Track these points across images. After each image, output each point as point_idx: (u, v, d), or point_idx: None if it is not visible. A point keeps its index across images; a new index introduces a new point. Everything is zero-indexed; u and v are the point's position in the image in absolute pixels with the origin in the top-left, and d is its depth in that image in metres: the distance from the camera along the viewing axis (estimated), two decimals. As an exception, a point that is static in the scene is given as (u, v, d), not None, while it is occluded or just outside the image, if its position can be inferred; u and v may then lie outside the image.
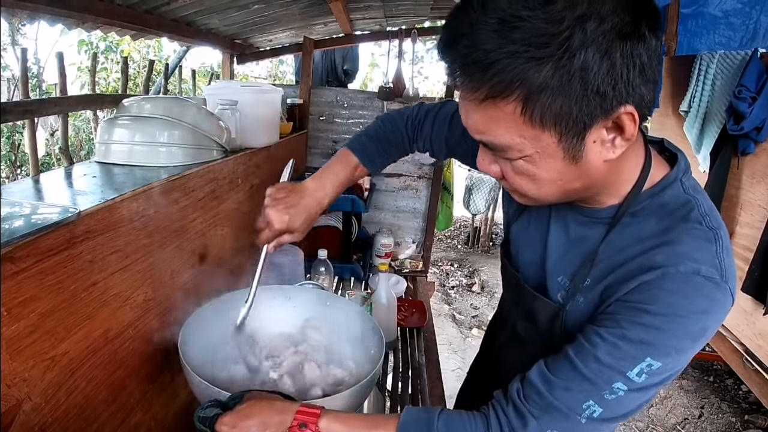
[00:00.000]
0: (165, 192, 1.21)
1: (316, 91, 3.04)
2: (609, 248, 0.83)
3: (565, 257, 0.92)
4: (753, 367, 2.77)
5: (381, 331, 1.24)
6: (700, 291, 0.72)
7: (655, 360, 0.73)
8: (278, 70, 9.25)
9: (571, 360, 0.78)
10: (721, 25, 3.67)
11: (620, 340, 0.74)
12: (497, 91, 0.66)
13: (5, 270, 0.73)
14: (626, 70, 0.65)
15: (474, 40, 0.65)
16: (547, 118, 0.67)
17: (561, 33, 0.61)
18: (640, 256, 0.78)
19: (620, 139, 0.71)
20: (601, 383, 0.76)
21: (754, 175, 2.77)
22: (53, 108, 1.94)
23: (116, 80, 6.00)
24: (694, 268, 0.72)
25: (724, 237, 0.77)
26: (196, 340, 1.18)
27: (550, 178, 0.75)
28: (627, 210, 0.82)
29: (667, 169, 0.84)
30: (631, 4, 0.63)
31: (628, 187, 0.82)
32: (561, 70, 0.63)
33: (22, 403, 0.79)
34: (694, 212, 0.78)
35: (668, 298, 0.72)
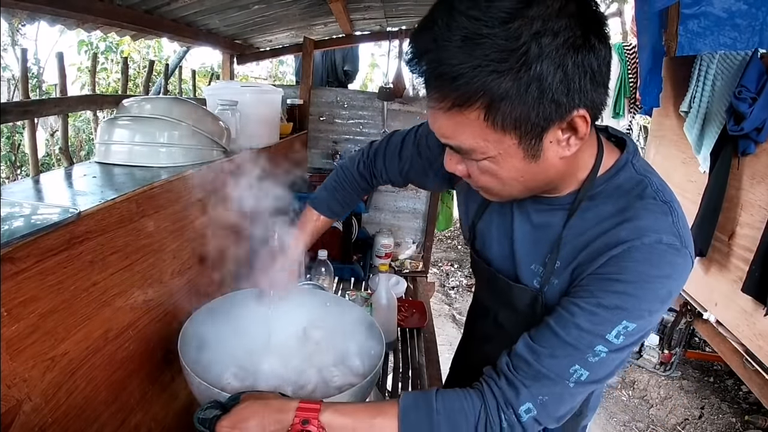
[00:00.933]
0: (165, 193, 1.21)
1: (316, 91, 3.04)
2: (572, 231, 0.90)
3: (532, 245, 0.98)
4: (753, 368, 2.77)
5: (381, 332, 1.24)
6: (663, 258, 0.80)
7: (630, 322, 0.81)
8: (278, 71, 9.25)
9: (554, 329, 0.85)
10: (727, 26, 3.65)
11: (597, 308, 0.82)
12: (462, 100, 0.72)
13: (5, 270, 0.73)
14: (578, 78, 0.72)
15: (440, 56, 0.71)
16: (507, 123, 0.74)
17: (519, 48, 0.68)
18: (604, 234, 0.85)
19: (574, 138, 0.78)
20: (583, 347, 0.82)
21: (754, 176, 2.76)
22: (53, 108, 1.94)
23: (116, 81, 5.99)
24: (657, 238, 0.80)
25: (678, 209, 0.85)
26: (196, 340, 1.18)
27: (512, 176, 0.82)
28: (585, 195, 0.89)
29: (617, 153, 0.92)
30: (582, 19, 0.70)
31: (584, 174, 0.90)
32: (519, 80, 0.70)
33: (22, 403, 0.79)
34: (648, 190, 0.86)
35: (636, 267, 0.80)
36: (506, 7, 0.68)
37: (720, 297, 3.02)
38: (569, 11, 0.69)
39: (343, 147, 3.07)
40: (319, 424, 0.85)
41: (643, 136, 6.36)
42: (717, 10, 3.64)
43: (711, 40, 3.72)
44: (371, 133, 3.05)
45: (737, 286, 2.77)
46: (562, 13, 0.69)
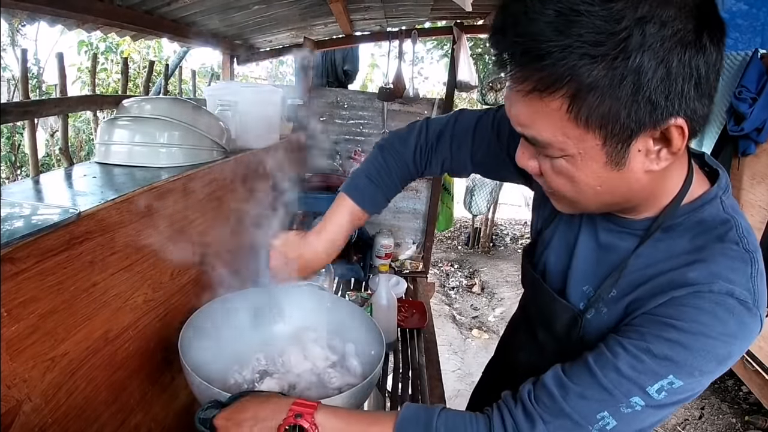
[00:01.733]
0: (165, 193, 1.21)
1: (317, 91, 3.04)
2: (639, 261, 0.81)
3: (591, 266, 0.89)
4: (753, 368, 2.77)
5: (381, 332, 1.24)
6: (731, 313, 0.70)
7: (677, 378, 0.71)
8: (278, 71, 9.25)
9: (591, 367, 0.75)
10: (728, 27, 3.65)
11: (644, 354, 0.72)
12: (546, 84, 0.64)
13: (5, 271, 0.73)
14: (682, 81, 0.62)
15: (528, 30, 0.62)
16: (593, 119, 0.65)
17: (619, 33, 0.59)
18: (672, 271, 0.75)
19: (666, 151, 0.68)
20: (619, 395, 0.73)
21: (754, 176, 2.77)
22: (53, 109, 1.93)
23: (116, 81, 5.99)
24: (728, 289, 0.70)
25: (760, 261, 0.74)
26: (196, 340, 1.17)
27: (589, 183, 0.72)
28: (662, 224, 0.79)
29: (707, 185, 0.81)
30: (696, 12, 0.61)
31: (666, 201, 0.79)
32: (614, 71, 0.61)
33: (22, 403, 0.79)
34: (732, 232, 0.75)
35: (698, 316, 0.70)
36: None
37: (720, 297, 3.01)
38: (683, 3, 0.61)
39: (343, 147, 3.07)
40: (312, 420, 0.83)
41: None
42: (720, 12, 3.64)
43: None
44: (371, 134, 3.05)
45: (737, 287, 2.77)
46: (675, 3, 0.60)
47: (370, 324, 1.30)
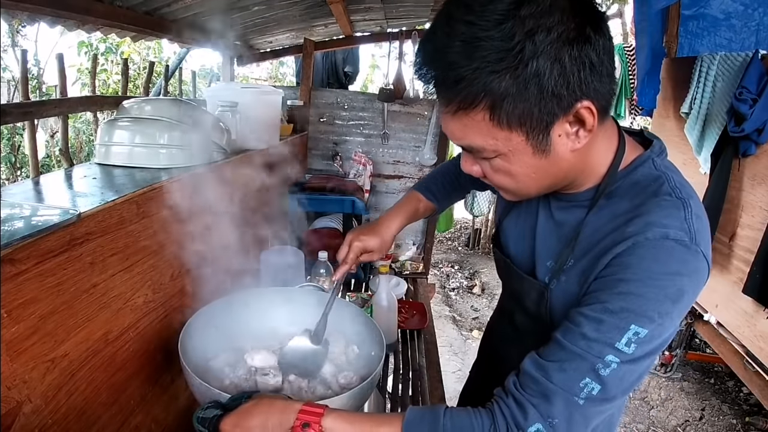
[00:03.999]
0: (165, 194, 1.20)
1: (317, 92, 3.04)
2: (587, 229, 0.89)
3: (552, 242, 0.97)
4: (754, 369, 2.76)
5: (381, 333, 1.24)
6: (670, 254, 0.77)
7: (639, 327, 0.76)
8: (278, 72, 9.26)
9: (560, 341, 0.81)
10: (723, 27, 3.67)
11: (602, 314, 0.78)
12: (466, 103, 0.75)
13: (5, 272, 0.72)
14: (577, 71, 0.73)
15: (442, 62, 0.75)
16: (512, 121, 0.75)
17: (514, 47, 0.70)
18: (614, 232, 0.83)
19: (582, 130, 0.78)
20: (592, 358, 0.77)
21: (755, 177, 2.76)
22: (53, 109, 1.94)
23: (116, 82, 6.00)
24: (662, 233, 0.77)
25: (695, 206, 0.82)
26: (196, 342, 1.17)
27: (524, 173, 0.83)
28: (603, 191, 0.88)
29: (640, 150, 0.91)
30: (576, 11, 0.72)
31: (603, 170, 0.89)
32: (518, 78, 0.72)
33: (22, 404, 0.79)
34: (665, 186, 0.83)
35: (640, 263, 0.77)
36: (499, 10, 0.70)
37: (721, 298, 3.01)
38: (560, 6, 0.71)
39: (344, 148, 3.07)
40: (320, 429, 0.84)
41: (644, 137, 6.37)
42: (714, 11, 3.66)
43: (708, 41, 3.74)
44: (372, 134, 3.05)
45: (738, 288, 2.77)
46: (553, 8, 0.71)
47: (371, 325, 1.30)
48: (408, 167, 3.10)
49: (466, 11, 0.72)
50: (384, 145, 3.07)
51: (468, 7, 0.72)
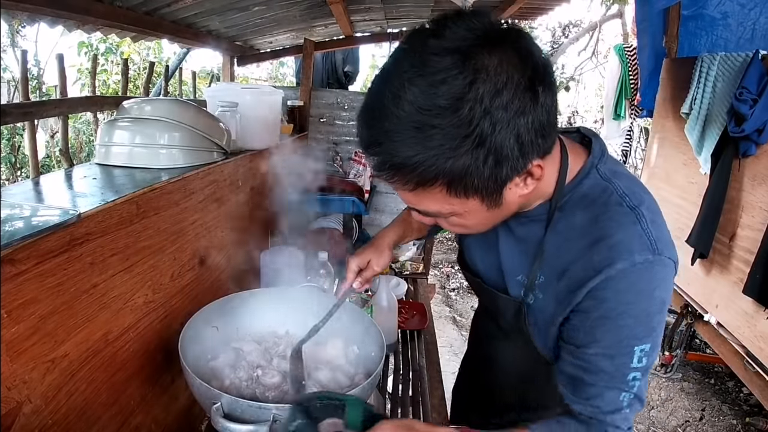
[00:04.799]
0: (165, 194, 1.20)
1: (317, 93, 3.04)
2: (549, 246, 0.92)
3: (517, 257, 1.00)
4: (754, 370, 2.76)
5: (381, 334, 1.24)
6: (642, 278, 0.81)
7: (643, 345, 0.84)
8: (279, 72, 9.26)
9: (588, 382, 0.88)
10: (720, 27, 3.68)
11: (608, 350, 0.85)
12: (423, 182, 0.74)
13: (5, 272, 0.72)
14: (530, 138, 0.72)
15: (395, 147, 0.71)
16: (469, 192, 0.75)
17: (473, 132, 0.68)
18: (579, 256, 0.86)
19: (531, 179, 0.79)
20: (620, 383, 0.86)
21: (755, 177, 2.76)
22: (53, 110, 1.94)
23: (116, 82, 6.00)
24: (630, 261, 0.80)
25: (647, 211, 0.84)
26: (196, 342, 1.17)
27: (479, 222, 0.86)
28: (555, 205, 0.90)
29: (584, 156, 0.92)
30: (526, 74, 0.69)
31: (551, 187, 0.90)
32: (477, 156, 0.70)
33: (22, 405, 0.79)
34: (613, 196, 0.86)
35: (617, 296, 0.82)
36: (453, 93, 0.67)
37: (721, 299, 3.01)
38: (512, 67, 0.69)
39: (344, 148, 3.07)
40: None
41: (644, 137, 6.36)
42: (712, 11, 3.66)
43: (706, 41, 3.75)
44: (372, 135, 3.05)
45: (738, 288, 2.77)
46: (507, 79, 0.68)
47: (371, 325, 1.30)
48: (408, 167, 3.09)
49: (416, 93, 0.68)
50: (384, 146, 3.06)
51: (417, 88, 0.68)
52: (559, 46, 8.40)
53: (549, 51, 8.60)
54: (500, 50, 0.69)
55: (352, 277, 1.25)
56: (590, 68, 8.38)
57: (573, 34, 8.46)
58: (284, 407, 0.96)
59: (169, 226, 1.24)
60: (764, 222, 2.63)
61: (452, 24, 0.70)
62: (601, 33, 8.09)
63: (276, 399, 1.15)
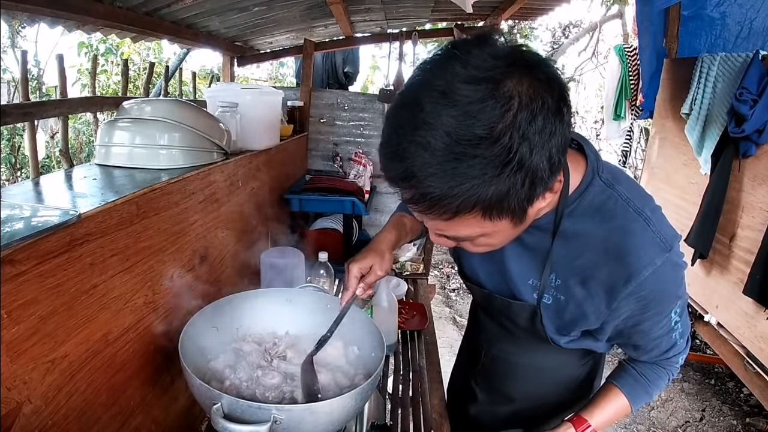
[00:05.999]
0: (165, 194, 1.20)
1: (317, 93, 3.04)
2: (561, 250, 0.99)
3: (526, 263, 1.06)
4: (754, 370, 2.76)
5: (381, 334, 1.24)
6: (666, 272, 0.93)
7: (676, 307, 1.01)
8: (279, 73, 9.26)
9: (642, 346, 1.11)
10: (719, 27, 3.70)
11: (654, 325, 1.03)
12: (461, 211, 0.73)
13: (5, 272, 0.72)
14: (558, 156, 0.74)
15: (433, 179, 0.70)
16: (503, 214, 0.76)
17: (513, 158, 0.69)
18: (605, 266, 0.95)
19: (549, 193, 0.81)
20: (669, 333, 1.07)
21: (755, 178, 2.76)
22: (53, 110, 1.94)
23: (116, 83, 6.00)
24: (653, 266, 0.91)
25: (652, 214, 0.93)
26: (196, 342, 1.17)
27: (503, 240, 0.89)
28: (562, 215, 0.95)
29: (582, 163, 0.97)
30: (555, 103, 0.71)
31: (557, 196, 0.92)
32: (514, 180, 0.71)
33: (22, 405, 0.79)
34: (619, 203, 0.93)
35: (653, 293, 0.95)
36: (490, 122, 0.67)
37: (721, 299, 3.01)
38: (544, 98, 0.70)
39: (344, 149, 3.07)
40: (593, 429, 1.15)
41: (644, 138, 6.36)
42: (711, 12, 3.68)
43: (706, 41, 3.76)
44: (372, 135, 3.05)
45: (738, 289, 2.77)
46: (542, 105, 0.69)
47: (371, 326, 1.30)
48: (408, 168, 3.09)
49: (451, 124, 0.68)
50: (384, 146, 3.06)
51: (452, 119, 0.68)
52: (559, 47, 8.41)
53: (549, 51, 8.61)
54: (529, 76, 0.70)
55: (355, 283, 1.22)
56: (590, 68, 8.39)
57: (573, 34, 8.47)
58: (284, 408, 0.96)
59: (169, 226, 1.24)
60: (764, 222, 2.63)
61: (476, 50, 0.71)
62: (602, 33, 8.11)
63: (276, 399, 1.15)
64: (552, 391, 1.35)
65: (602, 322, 1.03)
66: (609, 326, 1.04)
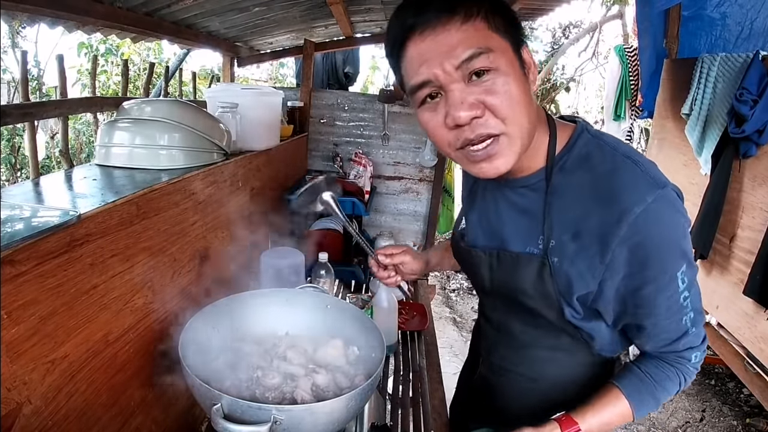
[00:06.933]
0: (165, 195, 1.20)
1: (317, 93, 3.04)
2: (555, 208, 0.97)
3: (522, 226, 1.03)
4: (754, 371, 2.76)
5: (382, 335, 1.24)
6: (661, 212, 0.88)
7: (681, 267, 0.92)
8: (279, 73, 9.26)
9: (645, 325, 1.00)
10: (718, 27, 3.70)
11: (656, 286, 0.92)
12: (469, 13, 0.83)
13: (5, 273, 0.72)
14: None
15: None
16: (500, 29, 0.86)
17: None
18: (593, 215, 0.91)
19: (531, 74, 0.90)
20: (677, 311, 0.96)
21: (755, 178, 2.76)
22: (53, 111, 1.94)
23: (116, 83, 6.00)
24: (644, 202, 0.87)
25: (639, 158, 0.92)
26: (196, 343, 1.17)
27: (517, 91, 0.86)
28: (552, 170, 0.96)
29: (571, 127, 1.00)
30: None
31: (544, 153, 0.97)
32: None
33: (22, 406, 0.79)
34: (606, 148, 0.94)
35: (648, 237, 0.88)
36: None
37: (721, 300, 3.01)
38: None
39: (344, 149, 3.07)
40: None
41: (645, 138, 6.36)
42: (711, 12, 3.68)
43: (706, 41, 3.76)
44: (372, 136, 3.05)
45: (738, 289, 2.77)
46: None
47: (371, 326, 1.30)
48: (408, 168, 3.10)
49: None
50: (384, 147, 3.07)
51: None
52: (560, 47, 8.40)
53: (549, 52, 8.61)
54: None
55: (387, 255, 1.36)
56: (590, 69, 8.37)
57: (573, 34, 8.46)
58: (284, 408, 0.96)
59: (169, 227, 1.24)
60: (764, 223, 2.63)
61: None
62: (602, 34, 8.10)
63: (276, 400, 1.15)
64: (551, 408, 1.14)
65: (599, 281, 0.94)
66: (609, 290, 0.95)
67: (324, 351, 1.33)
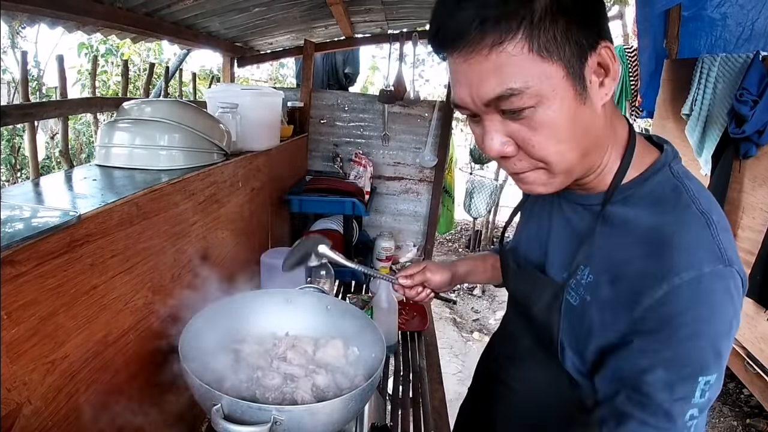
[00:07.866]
0: (165, 195, 1.20)
1: (317, 94, 3.04)
2: (602, 238, 0.84)
3: (566, 244, 0.92)
4: (755, 371, 2.76)
5: (382, 335, 1.24)
6: (712, 291, 0.70)
7: (705, 375, 0.72)
8: (279, 73, 9.26)
9: (640, 419, 0.75)
10: (719, 27, 3.71)
11: (668, 377, 0.72)
12: (504, 30, 0.67)
13: (5, 273, 0.72)
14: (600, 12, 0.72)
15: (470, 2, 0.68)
16: (551, 47, 0.68)
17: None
18: (639, 264, 0.76)
19: (608, 79, 0.73)
20: (680, 425, 0.73)
21: (755, 178, 2.76)
22: (53, 111, 1.94)
23: (116, 83, 6.00)
24: (698, 270, 0.70)
25: (717, 218, 0.75)
26: (196, 343, 1.17)
27: (567, 123, 0.73)
28: (612, 194, 0.83)
29: (655, 154, 0.85)
30: None
31: (615, 167, 0.83)
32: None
33: (22, 406, 0.79)
34: (683, 196, 0.77)
35: (685, 313, 0.71)
36: None
37: (721, 300, 3.01)
38: None
39: (344, 150, 3.07)
40: None
41: (644, 138, 6.36)
42: (712, 12, 3.68)
43: (706, 42, 3.77)
44: (372, 136, 3.05)
45: (738, 289, 2.77)
46: None
47: (371, 327, 1.30)
48: (408, 169, 3.09)
49: None
50: (384, 147, 3.07)
51: None
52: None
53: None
54: None
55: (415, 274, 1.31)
56: (590, 69, 8.38)
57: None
58: (284, 408, 0.96)
59: (169, 227, 1.23)
60: (765, 223, 2.63)
61: None
62: (601, 34, 8.10)
63: (276, 400, 1.15)
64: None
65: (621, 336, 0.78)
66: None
67: (324, 351, 1.33)
